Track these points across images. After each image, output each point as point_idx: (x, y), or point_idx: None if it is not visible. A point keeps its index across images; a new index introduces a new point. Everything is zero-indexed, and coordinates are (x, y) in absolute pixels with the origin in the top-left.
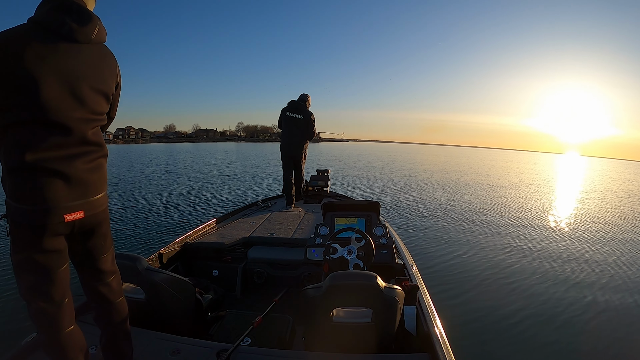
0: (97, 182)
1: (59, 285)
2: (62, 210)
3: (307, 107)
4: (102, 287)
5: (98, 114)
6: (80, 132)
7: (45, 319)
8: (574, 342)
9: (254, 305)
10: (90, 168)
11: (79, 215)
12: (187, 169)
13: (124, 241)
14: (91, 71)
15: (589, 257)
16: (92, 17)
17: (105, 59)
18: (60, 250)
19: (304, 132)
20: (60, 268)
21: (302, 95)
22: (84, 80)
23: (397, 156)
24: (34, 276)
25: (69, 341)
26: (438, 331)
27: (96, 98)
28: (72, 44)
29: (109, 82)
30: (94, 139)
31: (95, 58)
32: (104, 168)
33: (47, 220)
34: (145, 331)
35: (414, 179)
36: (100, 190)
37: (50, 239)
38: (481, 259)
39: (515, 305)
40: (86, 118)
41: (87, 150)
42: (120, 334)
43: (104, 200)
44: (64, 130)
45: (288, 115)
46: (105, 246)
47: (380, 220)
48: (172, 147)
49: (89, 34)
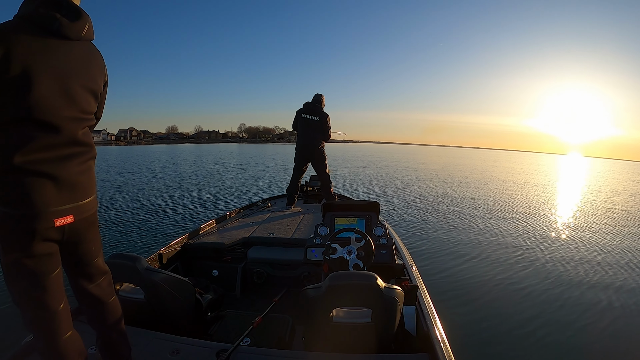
0: (86, 184)
1: (52, 292)
2: (51, 214)
3: (322, 108)
4: (94, 289)
5: (88, 113)
6: (71, 132)
7: (41, 327)
8: (574, 341)
9: (254, 305)
10: (80, 170)
11: (69, 219)
12: (188, 170)
13: (124, 241)
14: (82, 69)
15: (591, 257)
16: (82, 14)
17: (94, 57)
18: (51, 254)
19: (321, 134)
20: (53, 273)
21: (316, 96)
22: (75, 78)
23: (399, 157)
24: (25, 283)
25: (67, 347)
26: (438, 331)
27: (86, 97)
28: (62, 40)
29: (98, 80)
30: (84, 140)
31: (85, 55)
32: (92, 170)
33: (37, 225)
34: (145, 331)
35: (413, 179)
36: (90, 193)
37: (41, 243)
38: (481, 259)
39: (516, 305)
40: (77, 117)
41: (77, 151)
42: (116, 335)
43: (94, 203)
44: (54, 130)
45: (304, 117)
46: (95, 250)
47: (380, 220)
48: (174, 149)
49: (79, 30)
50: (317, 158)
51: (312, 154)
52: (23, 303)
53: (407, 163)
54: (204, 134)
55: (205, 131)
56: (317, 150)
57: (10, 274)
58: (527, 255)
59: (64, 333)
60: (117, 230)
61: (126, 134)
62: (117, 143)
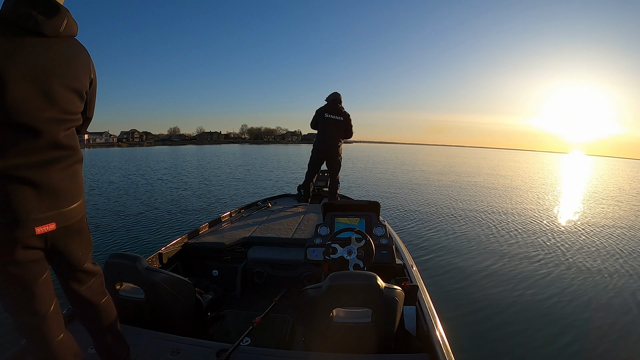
0: (71, 190)
1: (40, 297)
2: (32, 222)
3: (343, 108)
4: (85, 291)
5: (71, 114)
6: (51, 134)
7: (32, 332)
8: (574, 342)
9: (254, 305)
10: (63, 176)
11: (51, 227)
12: (190, 171)
13: (124, 241)
14: (62, 67)
15: (593, 257)
16: (60, 9)
17: (77, 54)
18: (36, 261)
19: (344, 134)
20: (40, 279)
21: (336, 95)
22: (54, 77)
23: (401, 157)
24: (12, 290)
25: (60, 350)
26: (438, 331)
27: (68, 96)
28: (39, 38)
29: (82, 78)
30: (67, 143)
31: (66, 53)
32: (79, 175)
33: (17, 233)
34: (145, 331)
35: (414, 179)
36: (75, 199)
37: (24, 251)
38: (481, 259)
39: (516, 305)
40: (58, 118)
41: (59, 155)
42: (111, 334)
43: (80, 209)
44: (33, 133)
45: (327, 117)
46: (82, 256)
47: (380, 220)
48: (176, 150)
49: (56, 26)
50: (334, 158)
51: (331, 154)
52: (12, 309)
53: (409, 163)
54: (206, 135)
55: (207, 132)
56: (337, 150)
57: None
58: (527, 255)
59: (55, 336)
60: (117, 230)
61: (128, 136)
62: (120, 145)
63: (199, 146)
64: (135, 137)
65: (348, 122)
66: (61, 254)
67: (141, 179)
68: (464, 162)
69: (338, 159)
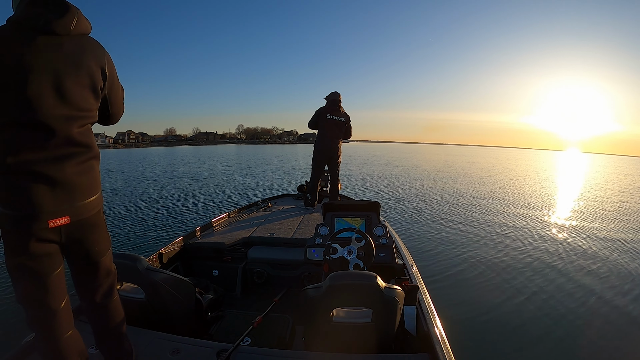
0: (86, 185)
1: (53, 291)
2: (45, 215)
3: (343, 109)
4: (97, 288)
5: (85, 111)
6: (65, 132)
7: (42, 326)
8: (574, 342)
9: (254, 305)
10: (78, 171)
11: (65, 220)
12: (188, 171)
13: (124, 241)
14: (74, 64)
15: (594, 256)
16: (70, 7)
17: (90, 51)
18: (50, 254)
19: (344, 134)
20: (54, 273)
21: (336, 95)
22: (66, 75)
23: (397, 156)
24: (26, 282)
25: (68, 347)
26: (438, 331)
27: (82, 93)
28: (51, 36)
29: (95, 74)
30: (81, 139)
31: (78, 50)
32: (95, 170)
33: (31, 226)
34: (145, 331)
35: (413, 179)
36: (91, 193)
37: (38, 244)
38: (482, 259)
39: (516, 305)
40: (71, 116)
41: (73, 151)
42: (116, 335)
43: (96, 203)
44: (46, 130)
45: (329, 118)
46: (100, 250)
47: (381, 220)
48: (172, 151)
49: (67, 24)
50: (336, 158)
51: (333, 154)
52: (25, 301)
53: (406, 162)
54: (202, 136)
55: (204, 133)
56: (338, 151)
57: (12, 272)
58: (528, 254)
59: (64, 332)
60: (117, 230)
61: (124, 137)
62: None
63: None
64: (131, 138)
65: (348, 123)
66: (77, 247)
67: (140, 179)
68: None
69: (339, 158)
